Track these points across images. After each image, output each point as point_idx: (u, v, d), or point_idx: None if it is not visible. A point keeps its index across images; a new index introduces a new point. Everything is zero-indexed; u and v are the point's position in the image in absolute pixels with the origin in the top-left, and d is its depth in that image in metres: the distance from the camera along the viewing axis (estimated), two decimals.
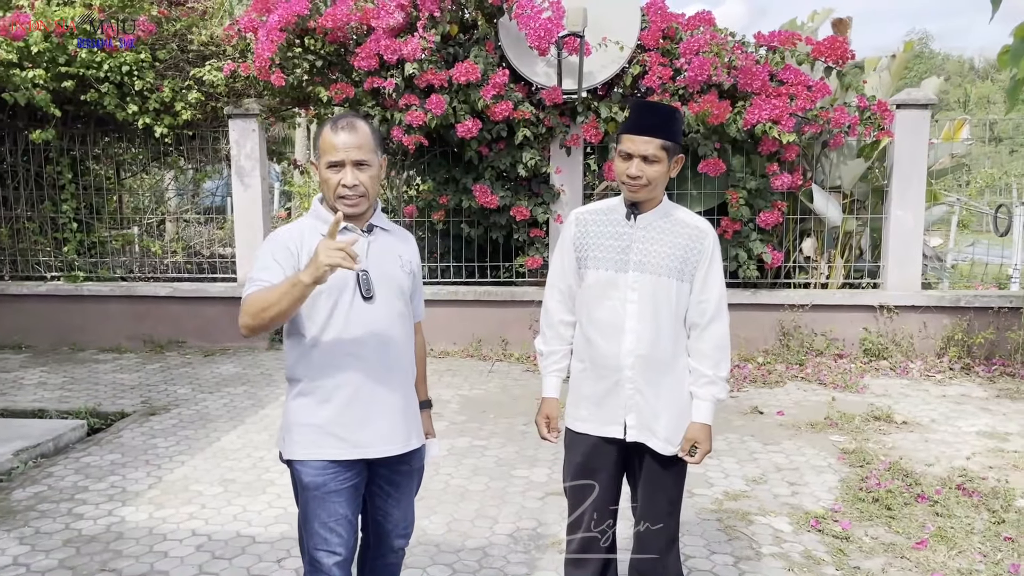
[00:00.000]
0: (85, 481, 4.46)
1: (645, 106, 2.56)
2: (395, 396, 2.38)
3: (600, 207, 2.60)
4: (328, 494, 2.31)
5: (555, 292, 2.64)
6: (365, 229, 2.36)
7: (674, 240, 2.47)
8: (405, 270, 2.43)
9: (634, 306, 2.46)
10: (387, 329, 2.34)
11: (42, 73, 6.80)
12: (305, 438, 2.32)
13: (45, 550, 3.65)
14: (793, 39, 6.95)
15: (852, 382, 6.42)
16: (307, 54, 6.88)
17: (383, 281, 2.34)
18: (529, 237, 7.40)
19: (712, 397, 2.50)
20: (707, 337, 2.50)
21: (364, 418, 2.32)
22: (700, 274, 2.49)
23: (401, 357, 2.41)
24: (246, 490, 4.33)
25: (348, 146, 2.25)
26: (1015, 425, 5.48)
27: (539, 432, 2.67)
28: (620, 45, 6.74)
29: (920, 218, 7.09)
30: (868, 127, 6.96)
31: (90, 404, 5.90)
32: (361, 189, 2.28)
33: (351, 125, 2.28)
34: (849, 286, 7.43)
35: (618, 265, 2.48)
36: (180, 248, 8.52)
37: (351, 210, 2.29)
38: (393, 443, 2.37)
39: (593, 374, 2.53)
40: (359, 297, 2.29)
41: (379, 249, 2.37)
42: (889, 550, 3.64)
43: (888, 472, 4.52)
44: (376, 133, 2.36)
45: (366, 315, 2.31)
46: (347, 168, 2.26)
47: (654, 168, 2.39)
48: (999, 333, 6.93)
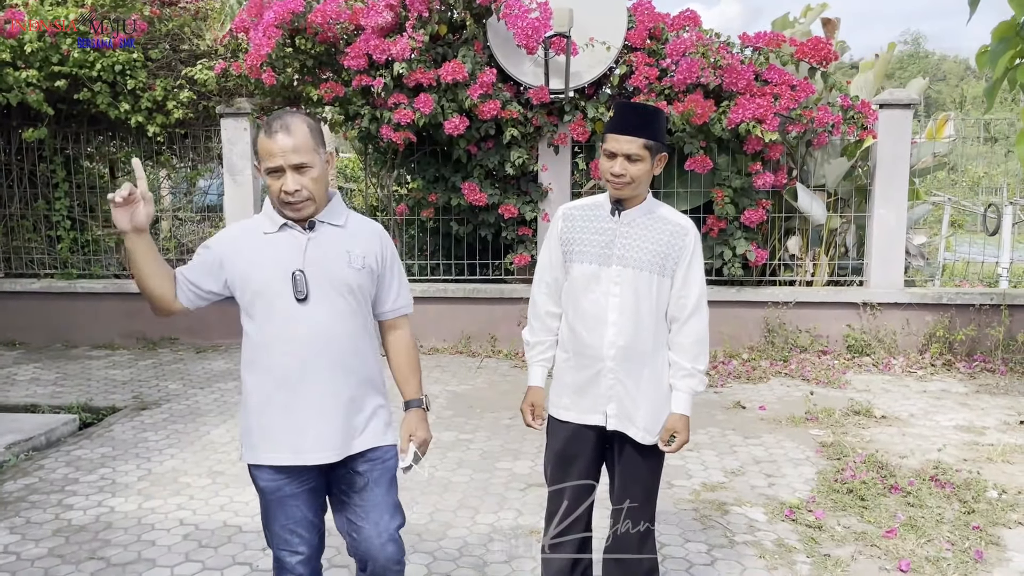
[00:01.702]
0: (76, 473, 4.54)
1: (628, 107, 2.62)
2: (337, 399, 2.27)
3: (587, 203, 2.67)
4: (284, 499, 2.29)
5: (542, 285, 2.71)
6: (306, 226, 2.27)
7: (656, 236, 2.54)
8: (355, 266, 2.29)
9: (616, 299, 2.54)
10: (328, 330, 2.24)
11: (35, 73, 6.88)
12: (254, 442, 2.29)
13: (35, 539, 3.73)
14: (778, 40, 7.05)
15: (835, 378, 6.51)
16: (298, 54, 6.96)
17: (322, 280, 2.25)
18: (517, 235, 7.48)
19: (690, 389, 2.58)
20: (686, 331, 2.58)
21: (302, 422, 2.25)
22: (681, 270, 2.56)
23: (346, 357, 2.29)
24: (234, 482, 4.41)
25: (285, 150, 2.15)
26: (992, 420, 5.58)
27: (524, 419, 2.73)
28: (607, 45, 6.83)
29: (903, 216, 7.19)
30: (851, 126, 7.06)
31: (82, 399, 5.98)
32: (305, 193, 2.19)
33: (285, 127, 2.17)
34: (834, 284, 7.53)
35: (601, 259, 2.55)
36: (173, 246, 8.59)
37: (297, 215, 2.24)
38: (328, 449, 2.27)
39: (576, 364, 2.61)
40: (293, 298, 2.22)
41: (320, 246, 2.27)
42: (860, 539, 3.73)
43: (864, 464, 4.61)
44: (316, 129, 2.24)
45: (302, 316, 2.22)
46: (287, 173, 2.17)
47: (637, 166, 2.46)
48: (980, 330, 7.03)
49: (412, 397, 2.50)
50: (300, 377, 2.24)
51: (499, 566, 3.49)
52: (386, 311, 2.47)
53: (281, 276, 2.22)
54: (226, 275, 2.27)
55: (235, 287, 2.28)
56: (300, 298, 2.21)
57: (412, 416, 2.48)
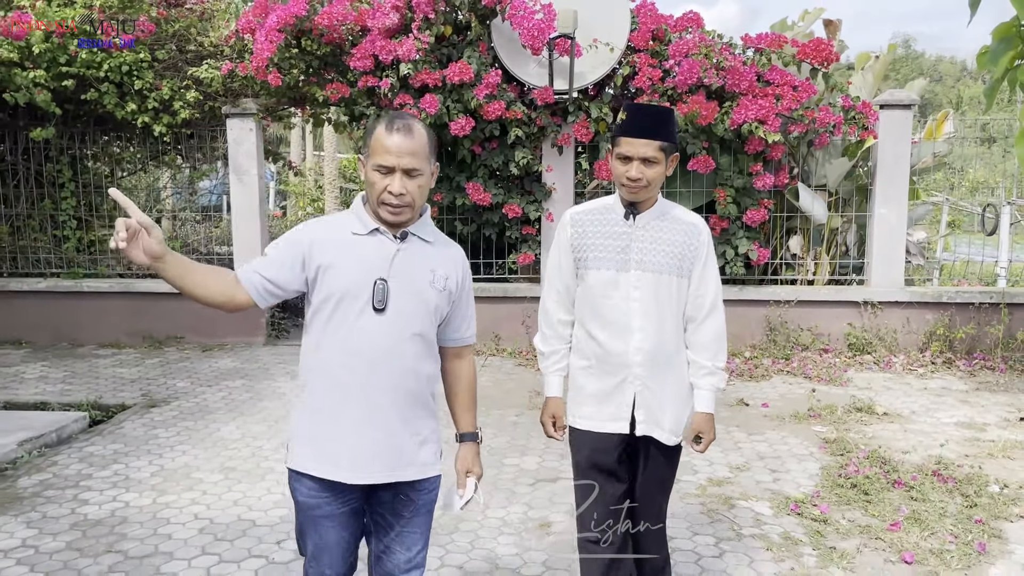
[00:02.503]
0: (89, 469, 4.60)
1: (641, 108, 2.58)
2: (390, 422, 2.17)
3: (595, 207, 2.62)
4: (320, 518, 2.20)
5: (552, 292, 2.66)
6: (398, 236, 2.17)
7: (672, 238, 2.52)
8: (436, 286, 2.20)
9: (638, 304, 2.51)
10: (395, 346, 2.14)
11: (43, 73, 6.93)
12: (300, 448, 2.20)
13: (52, 533, 3.78)
14: (780, 41, 7.11)
15: (836, 376, 6.58)
16: (304, 55, 7.01)
17: (403, 294, 2.15)
18: (521, 234, 7.55)
19: (713, 387, 2.58)
20: (705, 329, 2.57)
21: (353, 437, 2.15)
22: (697, 269, 2.55)
23: (408, 379, 2.18)
24: (246, 477, 4.47)
25: (401, 151, 2.07)
26: (992, 416, 5.64)
27: (545, 431, 2.68)
28: (610, 46, 6.89)
29: (903, 216, 7.26)
30: (852, 127, 7.13)
31: (91, 397, 6.03)
32: (408, 199, 2.10)
33: (407, 128, 2.09)
34: (835, 282, 7.60)
35: (619, 264, 2.52)
36: (178, 246, 8.64)
37: (393, 219, 2.14)
38: (374, 471, 2.16)
39: (599, 371, 2.57)
40: (370, 307, 2.12)
41: (408, 259, 2.17)
42: (865, 532, 3.80)
43: (867, 460, 4.68)
44: (432, 139, 2.17)
45: (373, 328, 2.12)
46: (396, 175, 2.08)
47: (653, 169, 2.44)
48: (980, 328, 7.10)
49: (469, 430, 2.41)
50: (359, 390, 2.14)
51: (510, 558, 3.55)
52: (455, 338, 2.36)
53: (363, 282, 2.12)
54: (307, 273, 2.16)
55: (313, 285, 2.17)
56: (379, 308, 2.12)
57: (469, 450, 2.40)
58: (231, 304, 2.14)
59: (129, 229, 1.94)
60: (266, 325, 7.93)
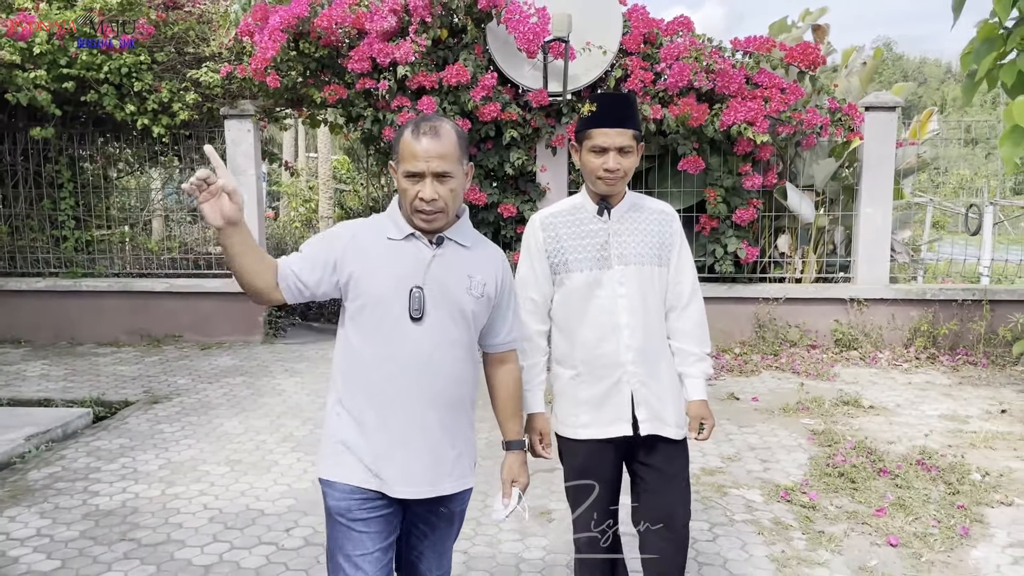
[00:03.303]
0: (97, 463, 4.70)
1: (613, 97, 2.54)
2: (431, 433, 2.11)
3: (563, 208, 2.56)
4: (354, 522, 2.09)
5: (527, 303, 2.54)
6: (434, 241, 2.11)
7: (648, 228, 2.50)
8: (474, 292, 2.13)
9: (624, 300, 2.46)
10: (432, 355, 2.08)
11: (43, 74, 7.02)
12: (333, 455, 2.13)
13: (66, 523, 3.89)
14: (768, 45, 7.29)
15: (823, 371, 6.75)
16: (301, 57, 7.13)
17: (440, 301, 2.09)
18: (516, 233, 7.68)
19: (703, 373, 2.55)
20: (687, 316, 2.55)
21: (390, 450, 2.09)
22: (674, 256, 2.53)
23: (448, 389, 2.12)
24: (252, 469, 4.58)
25: (430, 155, 2.00)
26: (975, 409, 5.82)
27: (532, 451, 2.52)
28: (603, 50, 7.04)
29: (888, 215, 7.45)
30: (839, 128, 7.31)
31: (94, 394, 6.12)
32: (440, 204, 2.04)
33: (435, 130, 2.02)
34: (822, 280, 7.78)
35: (600, 263, 2.46)
36: (176, 245, 8.73)
37: (427, 226, 2.08)
38: (415, 485, 2.10)
39: (590, 377, 2.50)
40: (407, 315, 2.06)
41: (444, 265, 2.10)
42: (852, 517, 3.95)
43: (854, 450, 4.84)
44: (463, 138, 2.10)
45: (411, 336, 2.07)
46: (427, 180, 2.02)
47: (629, 159, 2.41)
48: (963, 324, 7.29)
49: (515, 438, 2.33)
50: (396, 400, 2.08)
51: (512, 544, 3.68)
52: (497, 343, 2.29)
53: (398, 289, 2.06)
54: (339, 277, 2.09)
55: (347, 290, 2.11)
56: (416, 317, 2.06)
57: (515, 459, 2.32)
58: (268, 295, 2.07)
59: (212, 185, 1.89)
60: (264, 324, 8.03)
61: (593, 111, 2.44)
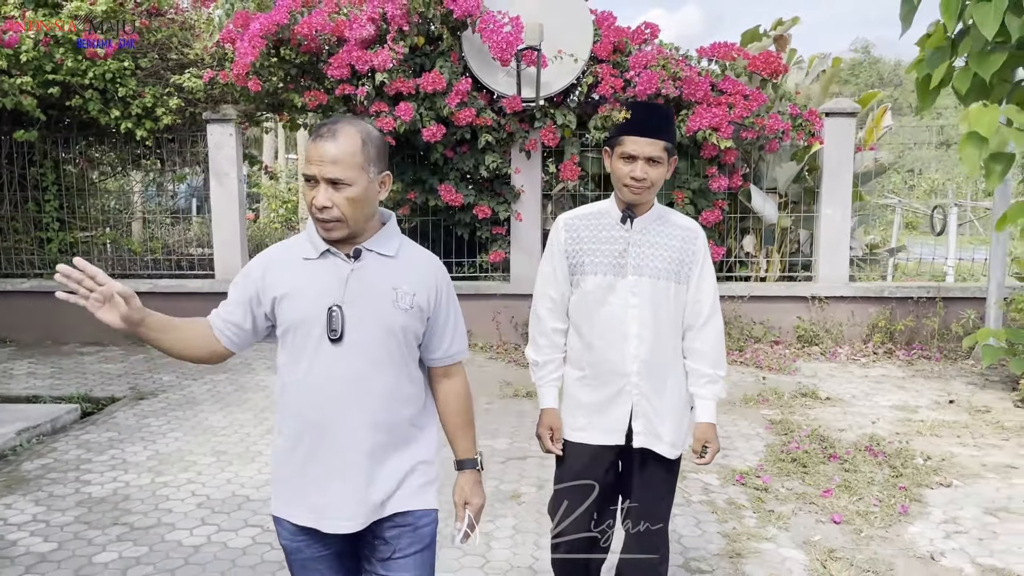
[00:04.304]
0: (87, 455, 4.91)
1: (647, 107, 2.52)
2: (364, 459, 1.96)
3: (589, 211, 2.55)
4: (305, 561, 2.04)
5: (546, 300, 2.56)
6: (351, 254, 1.97)
7: (669, 243, 2.46)
8: (401, 305, 1.97)
9: (635, 310, 2.44)
10: (359, 377, 1.94)
11: (30, 80, 7.19)
12: (278, 492, 2.05)
13: (60, 509, 4.10)
14: (731, 53, 7.60)
15: (785, 365, 7.07)
16: (282, 63, 7.35)
17: (362, 319, 1.94)
18: (492, 234, 7.95)
19: (715, 396, 2.51)
20: (704, 337, 2.50)
21: (323, 481, 1.97)
22: (695, 275, 2.49)
23: (381, 412, 1.98)
24: (237, 459, 4.81)
25: (323, 159, 1.87)
26: (925, 400, 6.15)
27: (543, 445, 2.56)
28: (574, 57, 7.32)
29: (847, 216, 7.79)
30: (800, 133, 7.63)
31: (81, 391, 6.30)
32: (335, 212, 1.89)
33: (332, 133, 1.88)
34: (786, 279, 8.10)
35: (616, 270, 2.45)
36: (159, 247, 8.92)
37: (327, 235, 1.95)
38: (346, 518, 1.97)
39: (594, 381, 2.50)
40: (326, 337, 1.93)
41: (364, 279, 1.97)
42: (800, 498, 4.25)
43: (808, 438, 5.15)
44: (372, 143, 1.94)
45: (332, 359, 1.93)
46: (320, 186, 1.89)
47: (657, 170, 2.38)
48: (918, 320, 7.64)
49: (466, 456, 2.17)
50: (325, 429, 1.96)
51: (485, 524, 3.93)
52: (437, 357, 2.12)
53: (316, 310, 1.93)
54: (264, 309, 2.01)
55: (274, 319, 2.02)
56: (333, 338, 1.92)
57: (467, 479, 2.16)
58: (214, 356, 2.04)
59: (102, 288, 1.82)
60: None
61: (627, 118, 2.45)
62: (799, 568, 3.51)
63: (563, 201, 8.29)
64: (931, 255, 9.62)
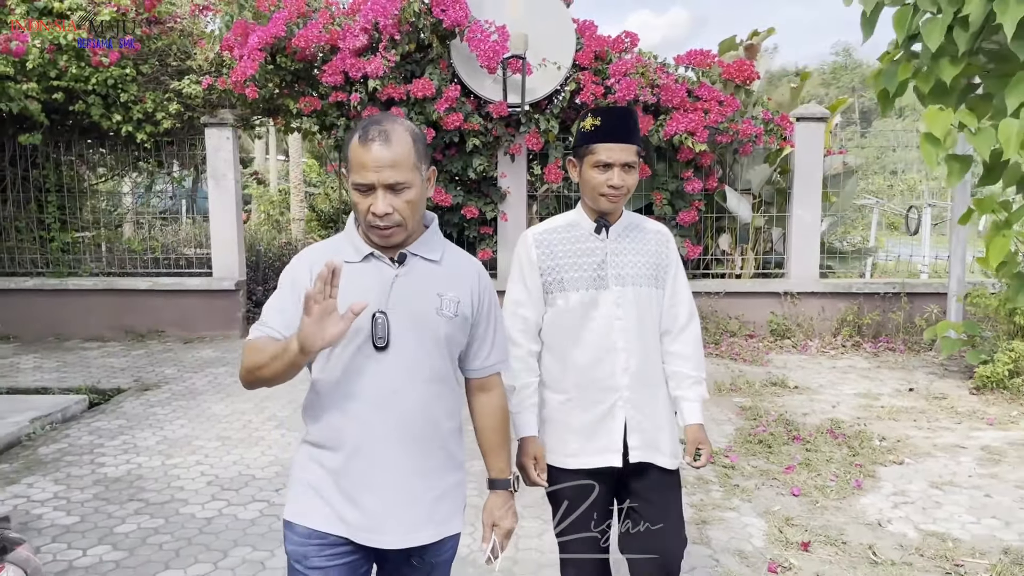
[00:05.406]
0: (100, 440, 5.22)
1: (616, 111, 2.38)
2: (402, 474, 1.87)
3: (557, 224, 2.43)
4: (311, 570, 1.87)
5: (518, 321, 2.40)
6: (395, 259, 1.88)
7: (645, 248, 2.40)
8: (446, 312, 1.89)
9: (620, 322, 2.34)
10: (403, 387, 1.86)
11: (35, 86, 7.49)
12: (296, 496, 1.93)
13: (79, 488, 4.42)
14: (707, 60, 7.99)
15: (758, 357, 7.46)
16: (278, 70, 7.67)
17: (408, 326, 1.86)
18: (479, 233, 8.30)
19: (700, 397, 2.45)
20: (684, 339, 2.44)
21: (355, 492, 1.86)
22: (670, 278, 2.44)
23: (420, 424, 1.88)
24: (241, 444, 5.14)
25: (380, 164, 1.77)
26: (887, 388, 6.55)
27: (526, 478, 2.36)
28: (558, 65, 7.69)
29: (817, 216, 8.19)
30: (772, 137, 8.03)
31: (88, 383, 6.61)
32: (396, 218, 1.81)
33: (385, 135, 1.78)
34: (760, 276, 8.49)
35: (597, 283, 2.34)
36: (158, 245, 9.22)
37: (384, 242, 1.86)
38: (384, 533, 1.86)
39: (582, 402, 2.36)
40: (370, 344, 1.83)
41: (409, 285, 1.88)
42: (763, 475, 4.62)
43: (774, 422, 5.53)
44: (420, 140, 1.86)
45: (376, 367, 1.84)
46: (378, 193, 1.79)
47: (632, 176, 2.31)
48: (884, 315, 8.05)
49: (500, 476, 2.07)
50: (362, 438, 1.86)
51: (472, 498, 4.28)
52: (477, 367, 2.05)
53: (361, 318, 1.79)
54: None
55: None
56: (380, 346, 1.83)
57: (498, 500, 2.06)
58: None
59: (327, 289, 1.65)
60: (242, 320, 8.54)
61: (597, 125, 2.31)
62: (758, 533, 3.88)
63: (547, 202, 8.65)
64: (911, 254, 10.05)
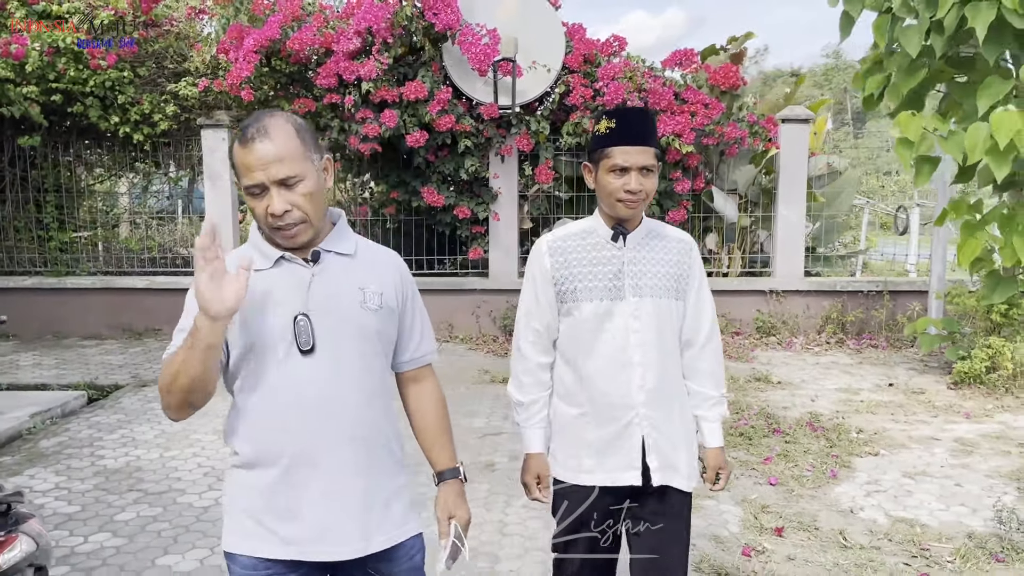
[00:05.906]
0: (99, 434, 5.37)
1: (633, 112, 2.28)
2: (348, 479, 1.79)
3: (573, 231, 2.31)
4: None
5: (529, 333, 2.31)
6: (309, 258, 1.79)
7: (666, 257, 2.26)
8: (370, 305, 1.81)
9: (637, 335, 2.21)
10: (337, 389, 1.77)
11: (35, 89, 7.63)
12: (233, 527, 1.82)
13: (80, 479, 4.57)
14: (691, 60, 8.20)
15: (744, 354, 7.62)
16: (273, 73, 7.82)
17: (333, 325, 1.77)
18: (471, 232, 8.45)
19: (721, 417, 2.35)
20: (706, 355, 2.33)
21: (296, 506, 1.76)
22: (693, 289, 2.30)
23: (360, 424, 1.80)
24: None
25: (266, 161, 1.67)
26: (867, 384, 6.72)
27: (528, 493, 2.32)
28: (547, 68, 7.84)
29: (802, 216, 8.36)
30: (757, 139, 8.20)
31: (86, 379, 6.75)
32: (297, 214, 1.71)
33: (264, 131, 1.68)
34: (747, 274, 8.66)
35: (612, 293, 2.22)
36: (155, 245, 9.36)
37: (292, 242, 1.76)
38: (336, 543, 1.78)
39: (596, 418, 2.25)
40: (295, 349, 1.74)
41: (327, 282, 1.79)
42: (743, 465, 4.78)
43: (756, 416, 5.69)
44: (305, 129, 1.76)
45: (306, 372, 1.74)
46: (271, 192, 1.69)
47: (651, 180, 2.18)
48: (867, 312, 8.22)
49: (447, 466, 2.00)
50: (302, 450, 1.76)
51: None
52: (406, 360, 1.99)
53: (280, 323, 1.73)
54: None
55: (226, 343, 1.75)
56: (305, 349, 1.74)
57: (450, 491, 1.98)
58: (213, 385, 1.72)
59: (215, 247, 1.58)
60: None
61: (612, 127, 2.19)
62: (734, 519, 4.04)
63: (538, 202, 8.80)
64: (903, 254, 10.23)
